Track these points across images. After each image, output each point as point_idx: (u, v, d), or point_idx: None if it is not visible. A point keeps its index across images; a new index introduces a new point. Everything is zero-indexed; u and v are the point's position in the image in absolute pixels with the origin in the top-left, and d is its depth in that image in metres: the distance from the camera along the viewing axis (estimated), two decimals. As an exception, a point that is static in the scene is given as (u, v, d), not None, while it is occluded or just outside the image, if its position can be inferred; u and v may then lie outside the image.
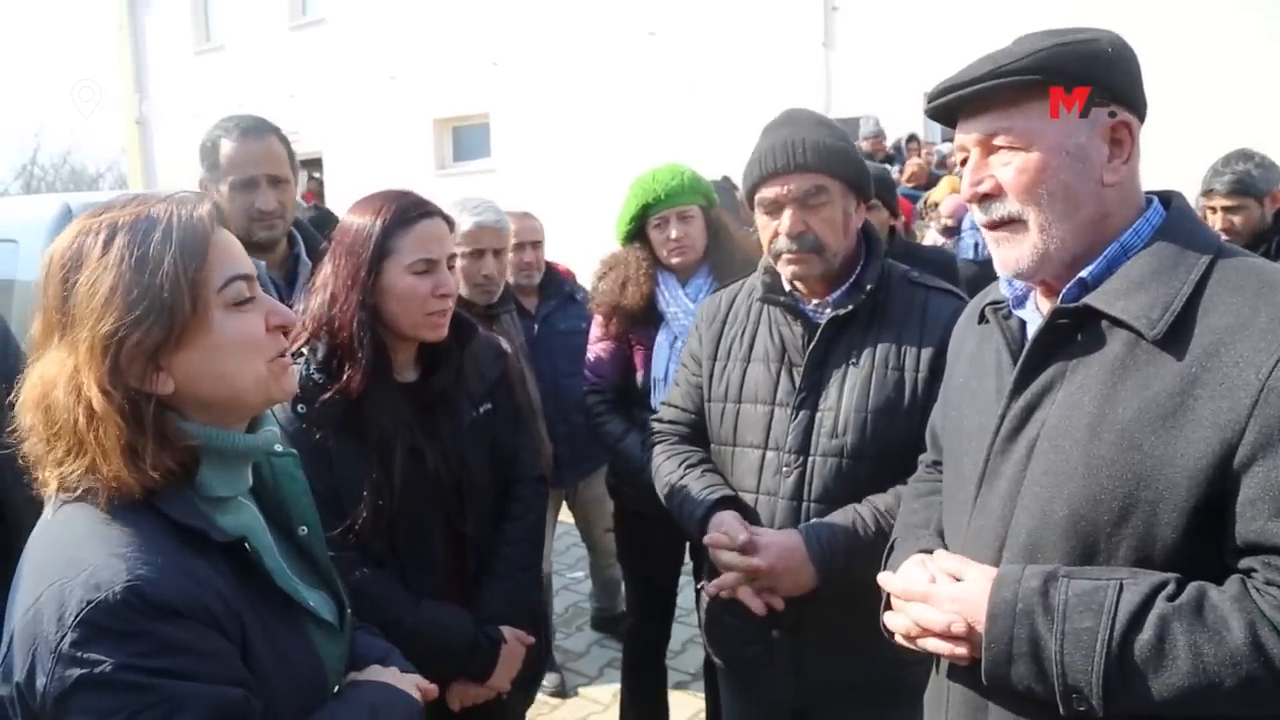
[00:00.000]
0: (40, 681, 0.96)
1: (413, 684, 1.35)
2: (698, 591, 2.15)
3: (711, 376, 2.02)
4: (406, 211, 1.83)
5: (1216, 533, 1.08)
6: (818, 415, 1.85)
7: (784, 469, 1.87)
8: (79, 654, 0.96)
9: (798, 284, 1.92)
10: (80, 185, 30.03)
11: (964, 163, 1.28)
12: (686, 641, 4.04)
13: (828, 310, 1.87)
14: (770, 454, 1.89)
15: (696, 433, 2.09)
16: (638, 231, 2.78)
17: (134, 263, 1.05)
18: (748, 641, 1.96)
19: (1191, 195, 2.65)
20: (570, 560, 5.01)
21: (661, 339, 2.72)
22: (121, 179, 24.30)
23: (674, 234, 2.69)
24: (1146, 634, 1.05)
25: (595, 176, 10.40)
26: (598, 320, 2.87)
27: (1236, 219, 3.28)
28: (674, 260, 2.72)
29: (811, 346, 1.86)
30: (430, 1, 13.42)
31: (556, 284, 3.61)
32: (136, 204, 1.11)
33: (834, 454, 1.83)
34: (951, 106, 1.27)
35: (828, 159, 1.81)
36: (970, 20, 8.83)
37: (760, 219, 1.89)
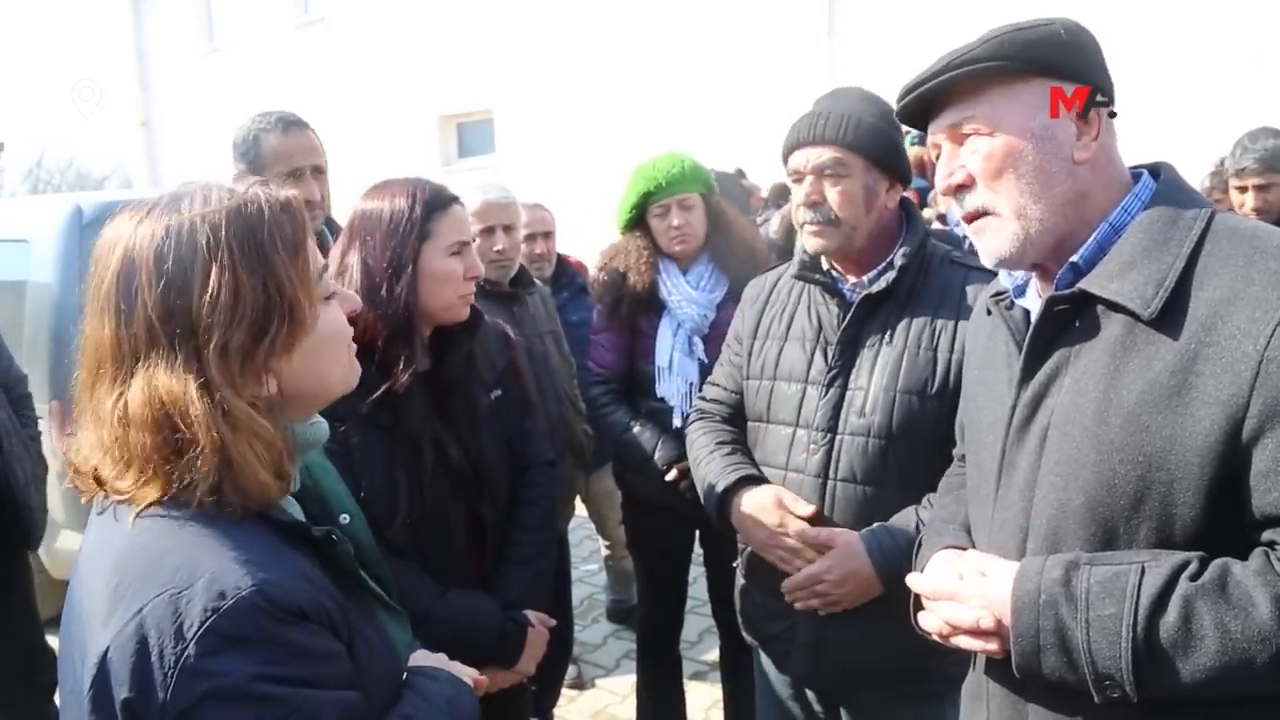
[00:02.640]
0: (159, 697, 0.88)
1: (467, 674, 1.30)
2: (732, 569, 2.15)
3: (750, 354, 2.04)
4: (441, 193, 1.84)
5: (1236, 508, 1.07)
6: (848, 394, 1.85)
7: (811, 446, 1.87)
8: (207, 665, 0.89)
9: (835, 262, 1.93)
10: (87, 188, 30.04)
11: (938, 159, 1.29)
12: (703, 632, 4.04)
13: (863, 289, 1.87)
14: (800, 431, 1.90)
15: (738, 413, 2.09)
16: (638, 220, 2.78)
17: (249, 265, 0.99)
18: (774, 616, 1.97)
19: (1195, 180, 2.61)
20: (584, 553, 5.01)
21: (664, 327, 2.72)
22: (127, 181, 24.33)
23: (675, 222, 2.69)
24: (1171, 616, 1.03)
25: (600, 170, 10.36)
26: (600, 310, 2.87)
27: (1270, 196, 3.21)
28: (675, 248, 2.72)
29: (845, 324, 1.87)
30: (432, -2, 13.40)
31: (569, 276, 3.61)
32: (227, 197, 1.02)
33: (861, 433, 1.82)
34: (920, 108, 1.28)
35: (852, 134, 1.81)
36: (973, 9, 8.77)
37: (792, 189, 1.91)
